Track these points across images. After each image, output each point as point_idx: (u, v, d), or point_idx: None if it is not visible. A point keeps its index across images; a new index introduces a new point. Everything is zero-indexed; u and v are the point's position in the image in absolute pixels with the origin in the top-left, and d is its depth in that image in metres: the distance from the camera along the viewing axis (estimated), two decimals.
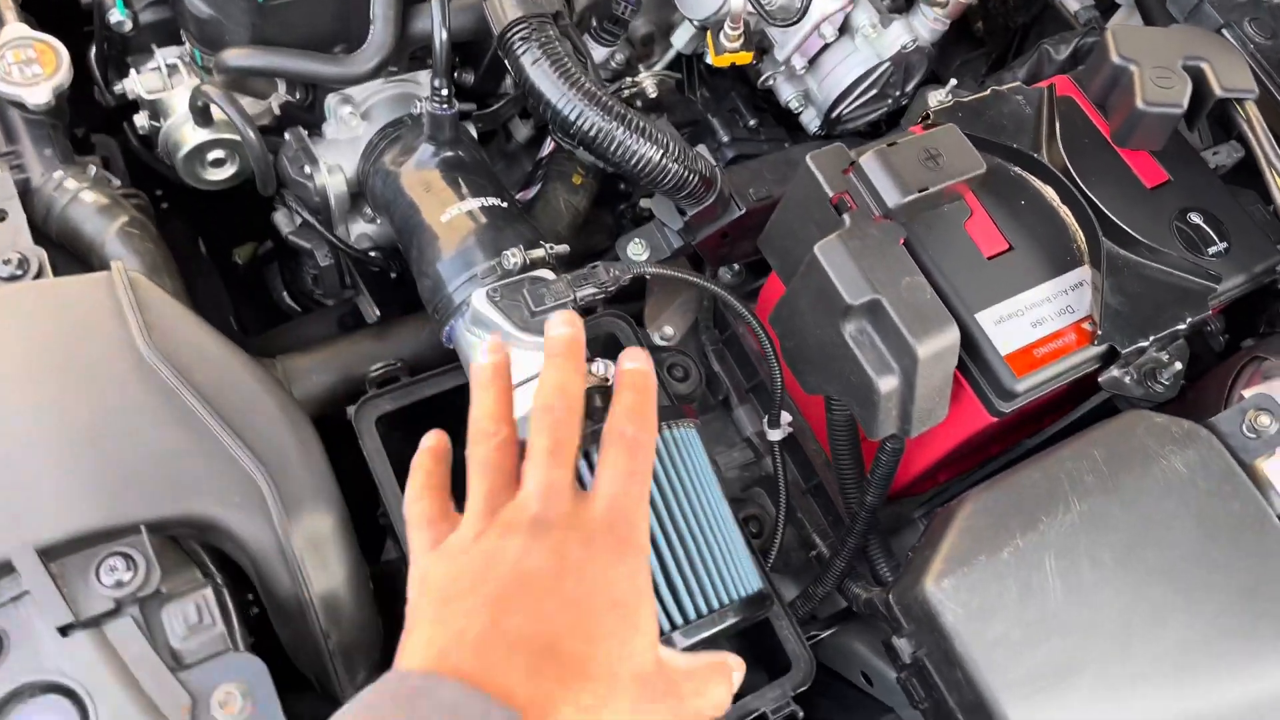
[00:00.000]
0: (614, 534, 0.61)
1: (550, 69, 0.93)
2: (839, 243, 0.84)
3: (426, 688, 0.52)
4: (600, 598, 0.58)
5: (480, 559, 0.59)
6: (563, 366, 0.67)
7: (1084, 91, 1.02)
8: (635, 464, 0.64)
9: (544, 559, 0.58)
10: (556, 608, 0.56)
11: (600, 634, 0.57)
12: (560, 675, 0.55)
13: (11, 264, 0.85)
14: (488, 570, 0.58)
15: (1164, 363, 0.90)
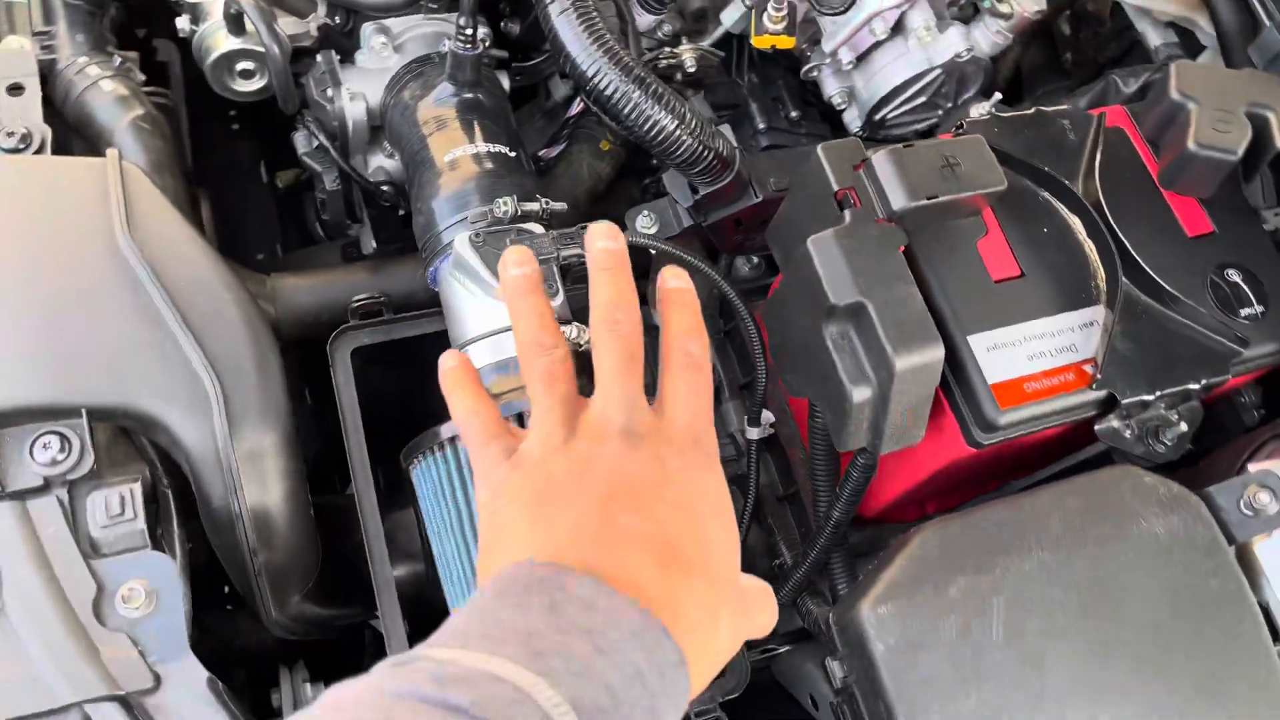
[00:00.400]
0: (700, 448, 0.61)
1: (576, 19, 0.90)
2: (833, 239, 0.80)
3: (555, 579, 0.50)
4: (703, 505, 0.58)
5: (577, 461, 0.57)
6: (616, 278, 0.66)
7: (1138, 126, 0.95)
8: (702, 381, 0.63)
9: (645, 465, 0.57)
10: (668, 511, 0.55)
11: (709, 539, 0.57)
12: (686, 573, 0.54)
13: (14, 137, 0.86)
14: (587, 472, 0.57)
15: (1170, 422, 0.84)
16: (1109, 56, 1.37)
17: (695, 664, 0.52)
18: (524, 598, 0.49)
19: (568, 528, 0.54)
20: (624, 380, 0.61)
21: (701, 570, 0.55)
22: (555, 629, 0.47)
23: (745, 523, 1.02)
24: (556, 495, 0.56)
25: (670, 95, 0.91)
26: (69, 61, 0.96)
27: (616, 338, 0.63)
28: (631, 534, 0.54)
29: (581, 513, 0.55)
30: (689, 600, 0.53)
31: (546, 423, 0.61)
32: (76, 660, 0.71)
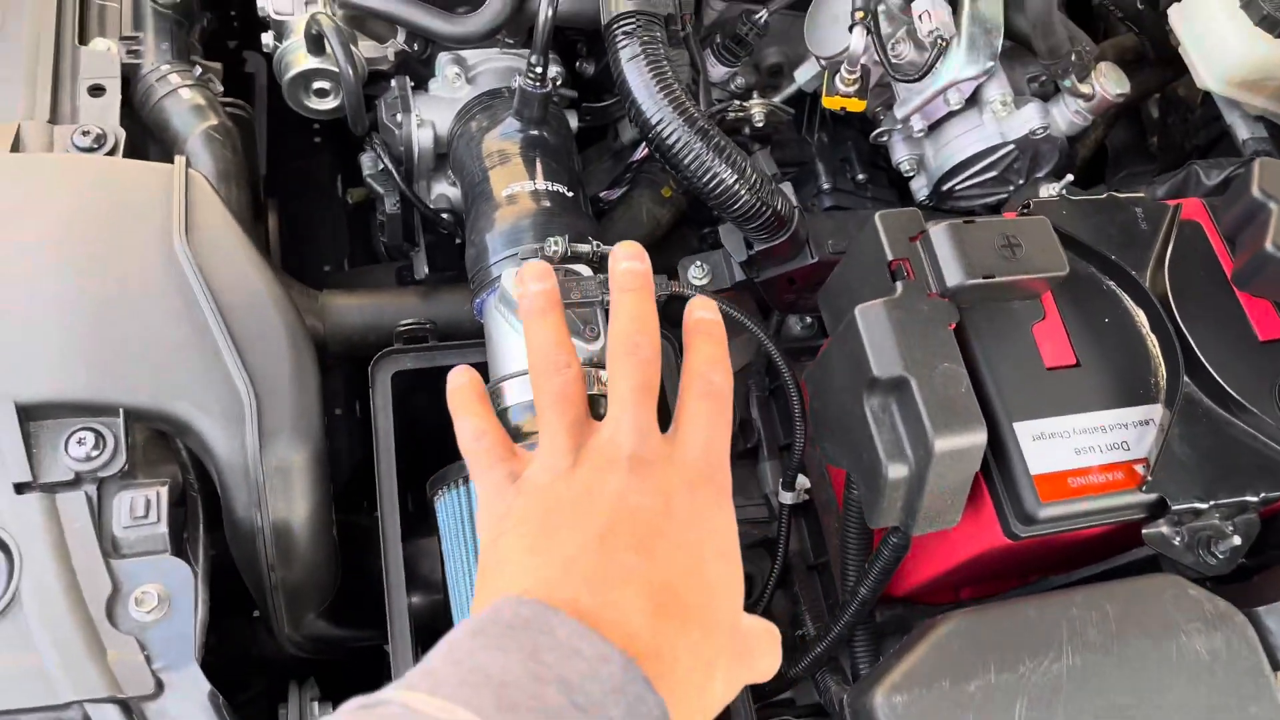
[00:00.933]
0: (713, 482, 0.58)
1: (645, 67, 0.90)
2: (882, 310, 0.78)
3: (539, 619, 0.48)
4: (708, 545, 0.55)
5: (580, 490, 0.55)
6: (639, 300, 0.63)
7: (1215, 221, 0.92)
8: (720, 411, 0.61)
9: (650, 498, 0.55)
10: (670, 549, 0.53)
11: (711, 581, 0.54)
12: (682, 620, 0.51)
13: (89, 136, 0.89)
14: (589, 502, 0.55)
15: (1223, 533, 0.80)
16: (1196, 144, 1.34)
17: (683, 716, 0.50)
18: (505, 639, 0.47)
19: (563, 561, 0.52)
20: (637, 406, 0.59)
21: (699, 616, 0.52)
22: (532, 677, 0.45)
23: (771, 589, 1.00)
24: (556, 525, 0.54)
25: (732, 149, 0.90)
26: (152, 67, 0.98)
27: (635, 362, 0.61)
28: (628, 572, 0.52)
29: (579, 546, 0.52)
30: (683, 649, 0.51)
31: (553, 447, 0.59)
32: (82, 658, 0.71)
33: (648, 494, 0.55)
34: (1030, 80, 1.06)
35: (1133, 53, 1.24)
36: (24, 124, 0.89)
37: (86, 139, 0.89)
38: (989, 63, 1.00)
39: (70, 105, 0.93)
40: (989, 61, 1.00)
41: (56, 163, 0.87)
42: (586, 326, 0.87)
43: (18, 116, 0.90)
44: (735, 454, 1.09)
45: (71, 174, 0.86)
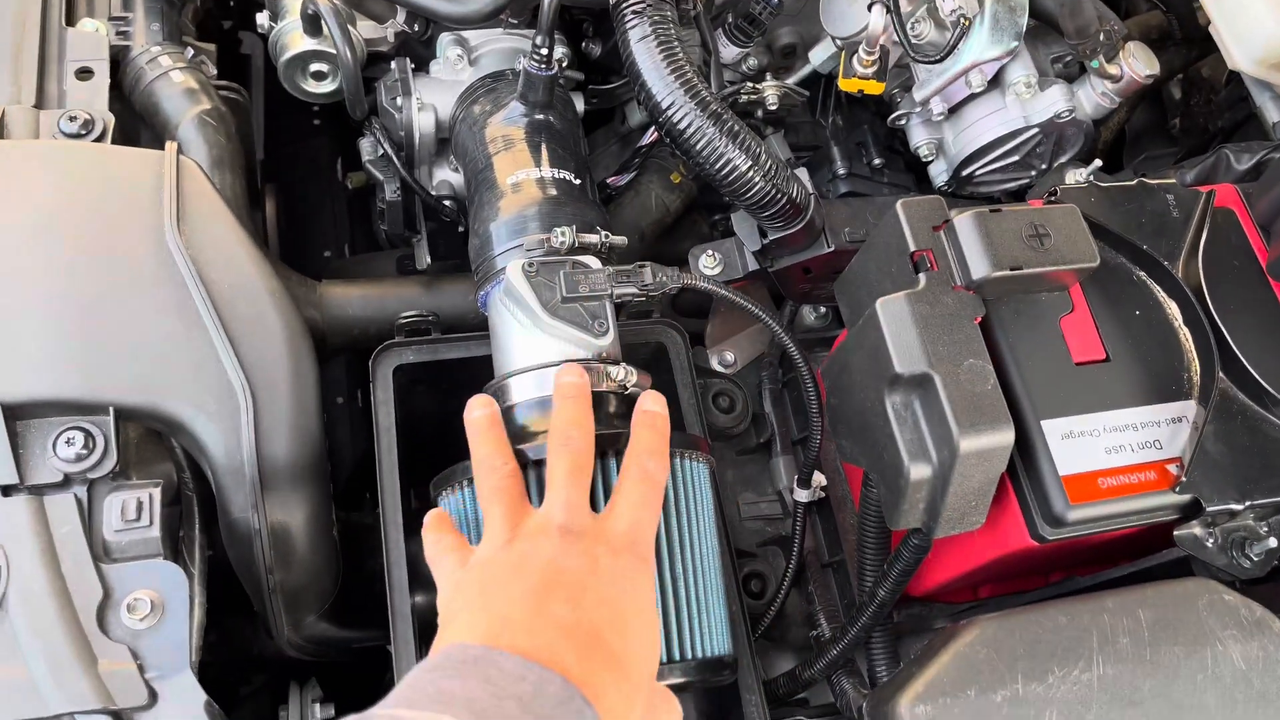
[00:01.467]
0: (635, 551, 0.67)
1: (656, 49, 0.86)
2: (905, 303, 0.75)
3: (487, 657, 0.56)
4: (629, 603, 0.63)
5: (515, 557, 0.65)
6: (577, 404, 0.74)
7: (1249, 208, 0.88)
8: (652, 494, 0.70)
9: (578, 560, 0.64)
10: (595, 602, 0.61)
11: (631, 633, 0.62)
12: (606, 662, 0.59)
13: (76, 122, 0.85)
14: (524, 565, 0.64)
15: (1258, 535, 0.77)
16: (1220, 126, 1.30)
17: None
18: (461, 670, 0.55)
19: (502, 614, 0.60)
20: (569, 486, 0.69)
21: (621, 661, 0.60)
22: (492, 695, 0.53)
23: (786, 588, 0.97)
24: (496, 588, 0.63)
25: (746, 134, 0.87)
26: (142, 49, 0.95)
27: (568, 452, 0.71)
28: (559, 621, 0.60)
29: (515, 601, 0.61)
30: (608, 683, 0.58)
31: (493, 528, 0.68)
32: (73, 669, 0.69)
33: (575, 557, 0.64)
34: (1055, 61, 1.02)
35: (1157, 31, 1.20)
36: (8, 109, 0.85)
37: (74, 124, 0.85)
38: (1013, 43, 0.96)
39: (57, 89, 0.89)
40: (1013, 42, 0.96)
41: (42, 149, 0.84)
42: (595, 321, 0.83)
43: (2, 101, 0.86)
44: (749, 448, 1.06)
45: (58, 161, 0.82)
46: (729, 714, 0.90)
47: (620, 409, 0.84)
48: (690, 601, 0.78)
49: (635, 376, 0.84)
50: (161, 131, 0.94)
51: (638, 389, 0.85)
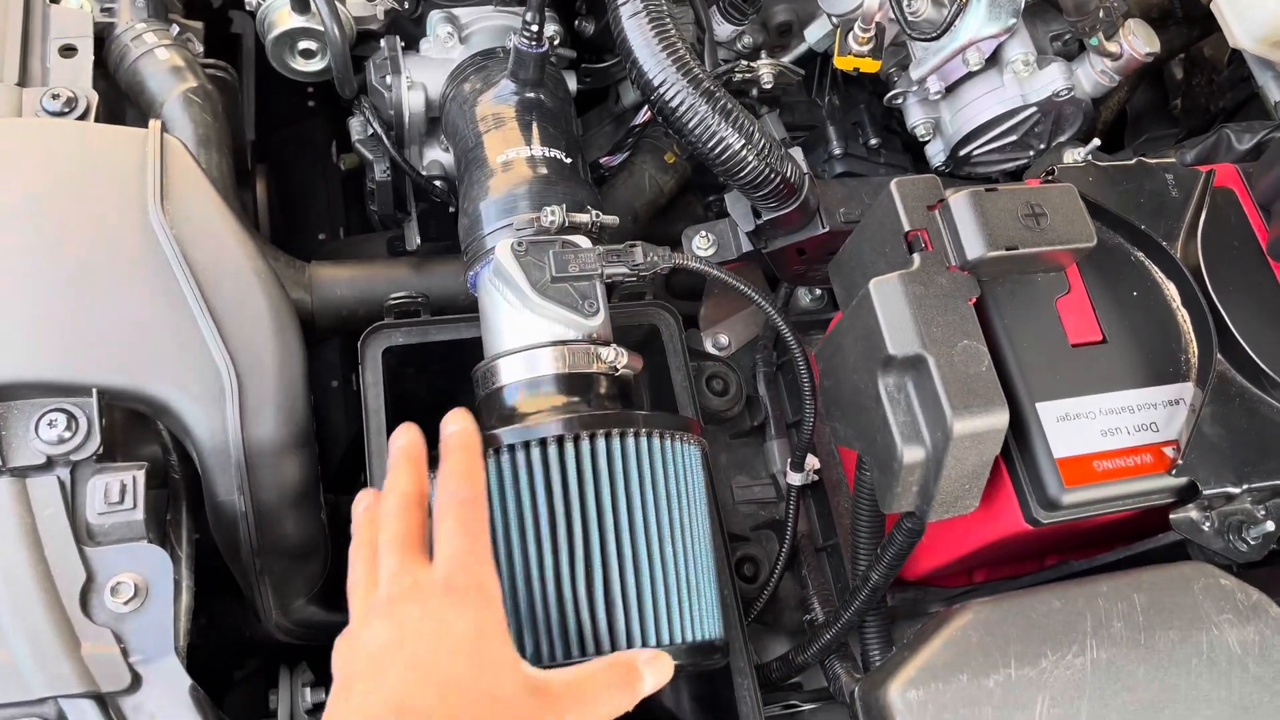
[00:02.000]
0: (451, 591, 0.65)
1: (647, 25, 0.85)
2: (899, 283, 0.74)
3: None
4: (442, 649, 0.62)
5: (348, 652, 0.66)
6: (396, 471, 0.72)
7: (1249, 188, 0.87)
8: (466, 519, 0.68)
9: (386, 633, 0.63)
10: (400, 674, 0.61)
11: (448, 679, 0.61)
12: None
13: (59, 100, 0.84)
14: (350, 664, 0.64)
15: (1255, 519, 0.76)
16: (1222, 107, 1.28)
17: None
18: None
19: None
20: (387, 555, 0.68)
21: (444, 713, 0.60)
22: None
23: (780, 572, 0.96)
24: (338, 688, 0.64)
25: (740, 113, 0.85)
26: (127, 26, 0.93)
27: (384, 520, 0.70)
28: (369, 712, 0.60)
29: (336, 707, 0.62)
30: None
31: None
32: (56, 652, 0.68)
33: (385, 630, 0.64)
34: (1054, 39, 1.00)
35: (1158, 10, 1.19)
36: None
37: (56, 102, 0.84)
38: (1011, 20, 0.94)
39: (40, 66, 0.88)
40: (1011, 19, 0.94)
41: (24, 127, 0.82)
42: (585, 301, 0.82)
43: None
44: (743, 431, 1.05)
45: (40, 139, 0.81)
46: (721, 697, 0.90)
47: (611, 390, 0.83)
48: (681, 585, 0.77)
49: (626, 358, 0.83)
50: (147, 110, 0.93)
51: (629, 370, 0.84)
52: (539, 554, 0.73)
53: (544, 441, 0.75)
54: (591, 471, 0.75)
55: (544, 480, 0.74)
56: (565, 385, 0.81)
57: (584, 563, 0.73)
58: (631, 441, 0.77)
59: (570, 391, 0.81)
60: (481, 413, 0.85)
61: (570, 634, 0.72)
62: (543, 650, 0.72)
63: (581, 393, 0.81)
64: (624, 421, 0.77)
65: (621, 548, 0.74)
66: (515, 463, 0.75)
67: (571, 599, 0.73)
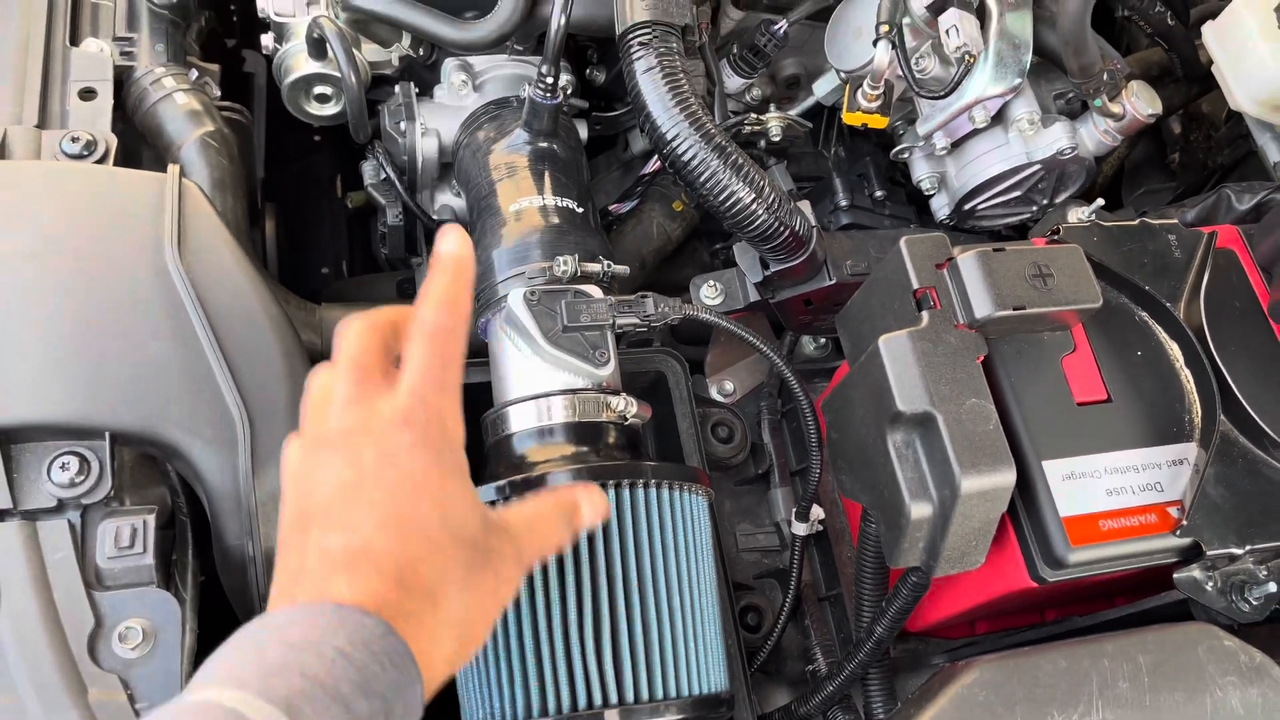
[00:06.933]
0: (411, 425, 0.61)
1: (661, 80, 0.86)
2: (908, 341, 0.75)
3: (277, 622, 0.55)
4: (404, 491, 0.59)
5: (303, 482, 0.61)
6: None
7: (1250, 249, 0.89)
8: (437, 350, 0.63)
9: (343, 472, 0.60)
10: (364, 513, 0.58)
11: (412, 523, 0.59)
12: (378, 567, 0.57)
13: (79, 143, 0.85)
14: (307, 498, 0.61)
15: (1258, 579, 0.77)
16: (1220, 163, 1.30)
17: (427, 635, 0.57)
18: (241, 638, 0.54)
19: (285, 572, 0.59)
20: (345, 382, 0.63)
21: (405, 554, 0.58)
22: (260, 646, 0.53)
23: (784, 622, 0.96)
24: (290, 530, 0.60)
25: (750, 167, 0.87)
26: (146, 70, 0.94)
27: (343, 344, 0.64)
28: (328, 555, 0.57)
29: (291, 550, 0.59)
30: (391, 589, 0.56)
31: None
32: (62, 698, 0.68)
33: (338, 469, 0.60)
34: (1058, 98, 1.02)
35: (1158, 68, 1.21)
36: (10, 129, 0.85)
37: (76, 145, 0.85)
38: (1016, 80, 0.96)
39: (60, 109, 0.89)
40: (1016, 78, 0.96)
41: (43, 170, 0.83)
42: (595, 350, 0.83)
43: (4, 121, 0.86)
44: (748, 478, 1.05)
45: (59, 183, 0.82)
46: None
47: (620, 440, 0.84)
48: (689, 637, 0.77)
49: (635, 407, 0.84)
50: (164, 153, 0.94)
51: (638, 419, 0.85)
52: (548, 604, 0.73)
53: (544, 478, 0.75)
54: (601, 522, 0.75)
55: None
56: (575, 434, 0.81)
57: (592, 613, 0.74)
58: (641, 492, 0.77)
59: (580, 440, 0.81)
60: (490, 460, 0.85)
61: (578, 685, 0.72)
62: (549, 702, 0.72)
63: (591, 442, 0.82)
64: (633, 472, 0.78)
65: (630, 599, 0.75)
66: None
67: (579, 649, 0.73)
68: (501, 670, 0.74)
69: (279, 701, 0.49)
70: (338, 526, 0.58)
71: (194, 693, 0.50)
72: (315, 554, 0.58)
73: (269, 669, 0.51)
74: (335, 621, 0.54)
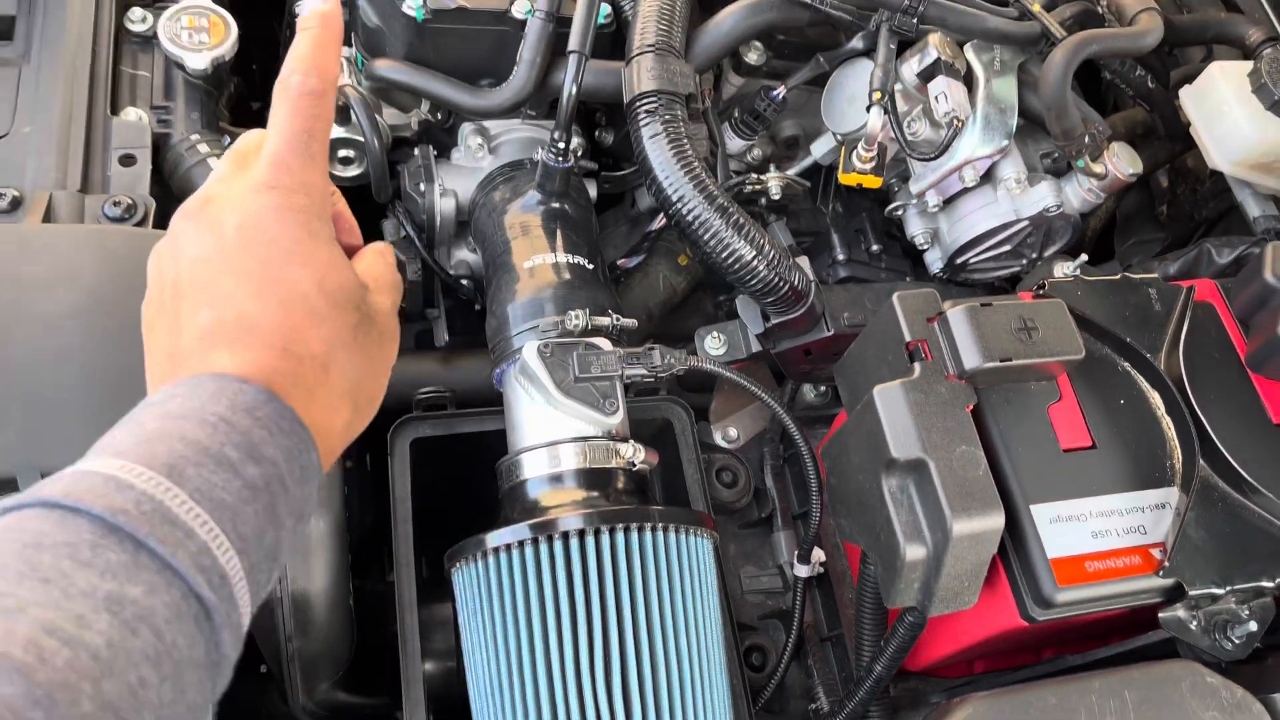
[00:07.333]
0: (273, 190, 0.59)
1: (666, 146, 0.92)
2: (900, 391, 0.79)
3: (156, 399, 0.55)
4: (274, 257, 0.57)
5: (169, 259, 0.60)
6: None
7: (1228, 302, 0.93)
8: (301, 116, 0.60)
9: (205, 242, 0.58)
10: (231, 286, 0.57)
11: (287, 289, 0.57)
12: (257, 335, 0.56)
13: (120, 206, 0.90)
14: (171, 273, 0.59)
15: (1239, 618, 0.80)
16: (1206, 216, 1.35)
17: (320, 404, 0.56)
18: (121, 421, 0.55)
19: (158, 355, 0.59)
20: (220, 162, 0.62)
21: (287, 323, 0.56)
22: None
23: (786, 662, 1.00)
24: (149, 323, 0.60)
25: (750, 225, 0.92)
26: (182, 137, 1.00)
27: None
28: (202, 330, 0.56)
29: (160, 332, 0.59)
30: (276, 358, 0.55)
31: None
32: None
33: (201, 241, 0.58)
34: (1043, 157, 1.07)
35: (1143, 126, 1.26)
36: (55, 194, 0.90)
37: (117, 209, 0.90)
38: (1003, 142, 1.02)
39: (101, 174, 0.94)
40: (1004, 140, 1.01)
41: (86, 233, 0.88)
42: (605, 400, 0.87)
43: (50, 186, 0.91)
44: (751, 522, 1.09)
45: (101, 244, 0.87)
46: None
47: (628, 485, 0.88)
48: (696, 677, 0.81)
49: (643, 453, 0.88)
50: None
51: (646, 465, 0.89)
52: (559, 644, 0.77)
53: (566, 535, 0.79)
54: (610, 564, 0.79)
55: (565, 572, 0.78)
56: (586, 480, 0.85)
57: (603, 654, 0.77)
58: (649, 536, 0.81)
59: (590, 486, 0.85)
60: (504, 505, 0.89)
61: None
62: None
63: (601, 487, 0.86)
64: (641, 516, 0.82)
65: (639, 639, 0.78)
66: (539, 555, 0.79)
67: (590, 690, 0.76)
68: (515, 711, 0.77)
69: (159, 466, 0.48)
70: (206, 300, 0.56)
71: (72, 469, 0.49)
72: (189, 332, 0.57)
73: (148, 437, 0.50)
74: (214, 390, 0.52)
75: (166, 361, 0.58)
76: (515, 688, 0.77)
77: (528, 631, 0.78)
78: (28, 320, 0.79)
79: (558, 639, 0.77)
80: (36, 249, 0.85)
